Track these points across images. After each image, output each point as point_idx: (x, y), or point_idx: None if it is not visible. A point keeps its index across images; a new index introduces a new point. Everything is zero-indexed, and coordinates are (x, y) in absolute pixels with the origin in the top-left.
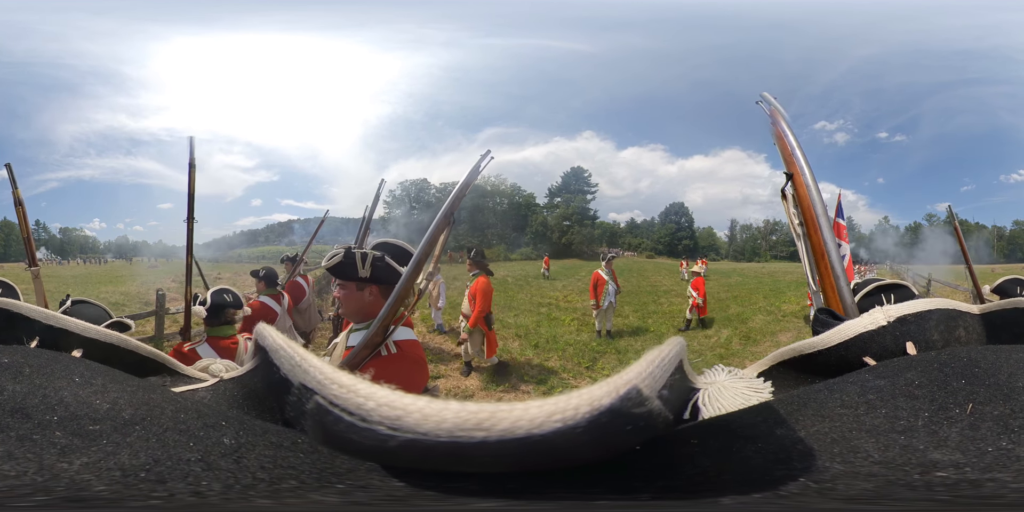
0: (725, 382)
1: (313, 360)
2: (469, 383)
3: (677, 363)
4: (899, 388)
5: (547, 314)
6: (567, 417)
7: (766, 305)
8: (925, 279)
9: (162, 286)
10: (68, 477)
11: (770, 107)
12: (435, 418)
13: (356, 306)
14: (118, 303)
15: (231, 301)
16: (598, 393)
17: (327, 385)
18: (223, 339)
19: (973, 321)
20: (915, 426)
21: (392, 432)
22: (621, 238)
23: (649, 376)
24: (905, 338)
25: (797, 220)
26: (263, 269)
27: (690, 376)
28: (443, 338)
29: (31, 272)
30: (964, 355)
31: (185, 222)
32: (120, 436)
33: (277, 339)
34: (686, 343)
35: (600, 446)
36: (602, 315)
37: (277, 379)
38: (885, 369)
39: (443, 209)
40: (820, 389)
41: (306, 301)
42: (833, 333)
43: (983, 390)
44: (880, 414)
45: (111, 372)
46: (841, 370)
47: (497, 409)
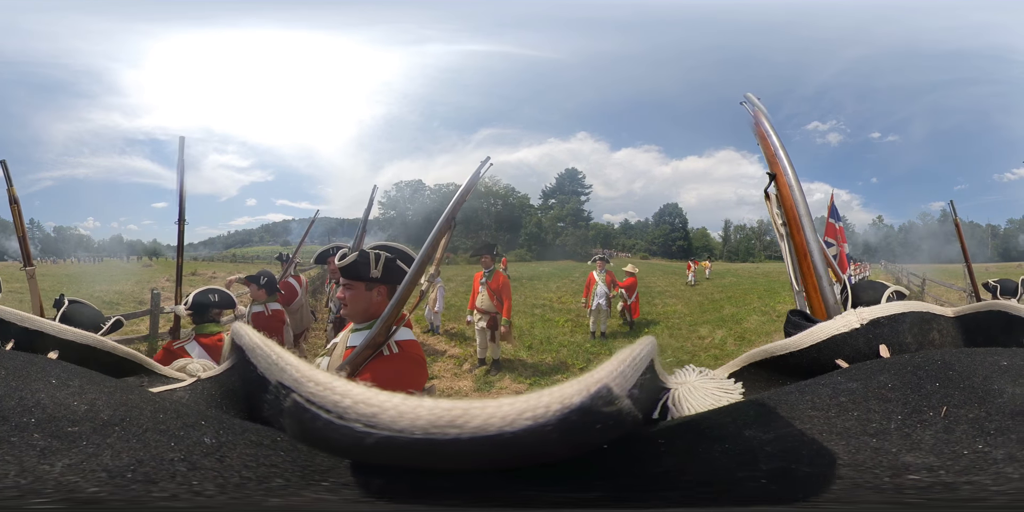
0: (695, 382)
1: (290, 358)
2: (462, 384)
3: (648, 362)
4: (872, 391)
5: (541, 315)
6: (538, 415)
7: (760, 305)
8: (919, 278)
9: (157, 285)
10: (52, 479)
11: (753, 108)
12: (410, 415)
13: (363, 306)
14: (112, 302)
15: (216, 301)
16: (569, 391)
17: (303, 383)
18: (208, 337)
19: (947, 324)
20: (887, 429)
21: (368, 429)
22: (615, 239)
23: (620, 375)
24: (878, 341)
25: (780, 220)
26: (264, 276)
27: (661, 376)
28: (436, 339)
29: (26, 272)
30: (938, 358)
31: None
32: (100, 437)
33: (254, 338)
34: (656, 342)
35: (570, 444)
36: (596, 316)
37: (254, 378)
38: (858, 372)
39: (445, 213)
40: (791, 391)
41: (298, 301)
42: (805, 335)
43: (958, 393)
44: (852, 417)
45: (88, 373)
46: (813, 372)
47: (470, 406)
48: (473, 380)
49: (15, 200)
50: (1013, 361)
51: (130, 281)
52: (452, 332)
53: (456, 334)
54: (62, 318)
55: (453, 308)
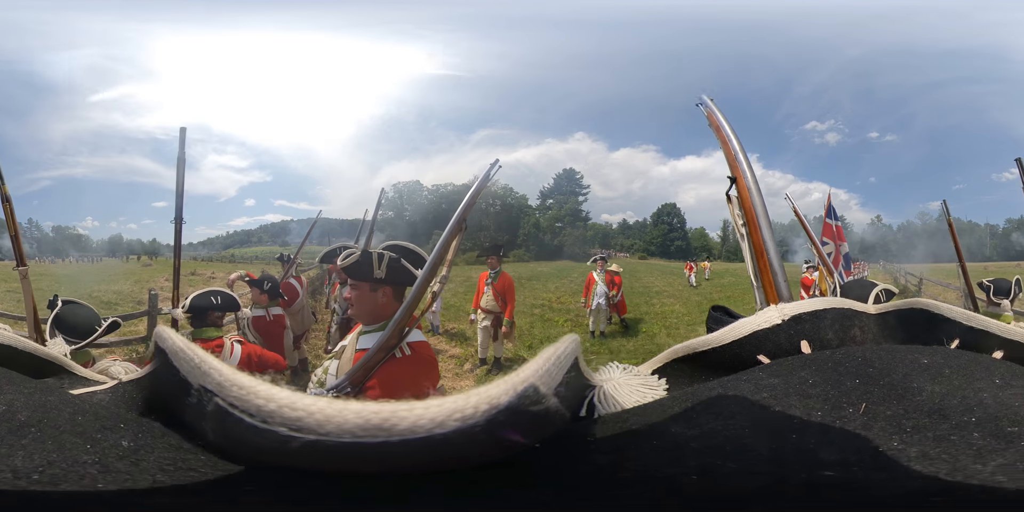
0: (620, 379)
1: (213, 362)
2: (464, 384)
3: (573, 360)
4: (793, 387)
5: (540, 315)
6: (467, 416)
7: None
8: (917, 278)
9: (155, 285)
10: None
11: (707, 110)
12: (337, 419)
13: (368, 307)
14: (111, 302)
15: (218, 304)
16: (496, 391)
17: (227, 387)
18: (207, 341)
19: (869, 321)
20: (807, 425)
21: (294, 433)
22: (613, 239)
23: (546, 374)
24: (800, 337)
25: (741, 221)
26: (268, 281)
27: (586, 373)
28: (436, 339)
29: (19, 272)
30: (859, 354)
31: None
32: (15, 438)
33: (177, 341)
34: (580, 340)
35: (500, 444)
36: (595, 316)
37: (177, 381)
38: (779, 367)
39: (456, 215)
40: (714, 387)
41: (299, 303)
42: (727, 331)
43: (877, 390)
44: (773, 412)
45: (7, 374)
46: (736, 368)
47: (398, 409)
48: (474, 380)
49: (7, 198)
50: (933, 359)
51: (128, 281)
52: (452, 332)
53: (456, 334)
54: (55, 319)
55: (453, 308)
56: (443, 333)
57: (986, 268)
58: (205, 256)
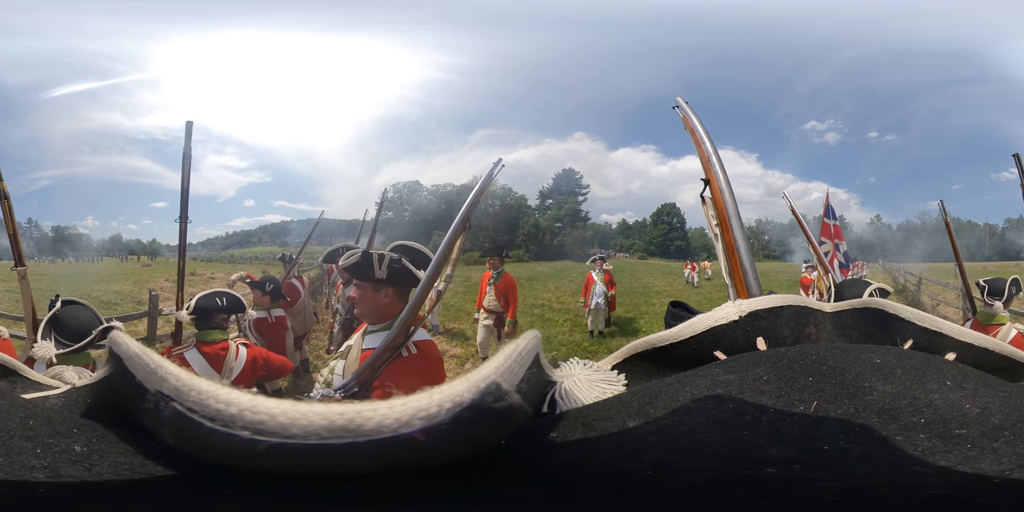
0: (581, 375)
1: (169, 367)
2: None
3: (533, 357)
4: (747, 383)
5: (540, 315)
6: (431, 414)
7: None
8: (916, 277)
9: (155, 285)
10: None
11: (682, 112)
12: (301, 421)
13: (371, 307)
14: (110, 302)
15: (224, 306)
16: (459, 389)
17: (185, 392)
18: (211, 344)
19: (824, 319)
20: (759, 421)
21: (257, 437)
22: (613, 239)
23: (507, 370)
24: (756, 333)
25: (715, 221)
26: (270, 283)
27: (546, 369)
28: (438, 339)
29: (18, 272)
30: (813, 352)
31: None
32: None
33: (132, 346)
34: (541, 336)
35: (466, 442)
36: (595, 315)
37: (132, 386)
38: (735, 363)
39: (460, 215)
40: (671, 382)
41: (301, 303)
42: (685, 327)
43: (829, 388)
44: (727, 408)
45: None
46: (693, 363)
47: (363, 409)
48: None
49: (5, 196)
50: (886, 359)
51: (128, 281)
52: (453, 332)
53: (457, 334)
54: (52, 320)
55: (453, 308)
56: (443, 333)
57: (985, 268)
58: (205, 256)
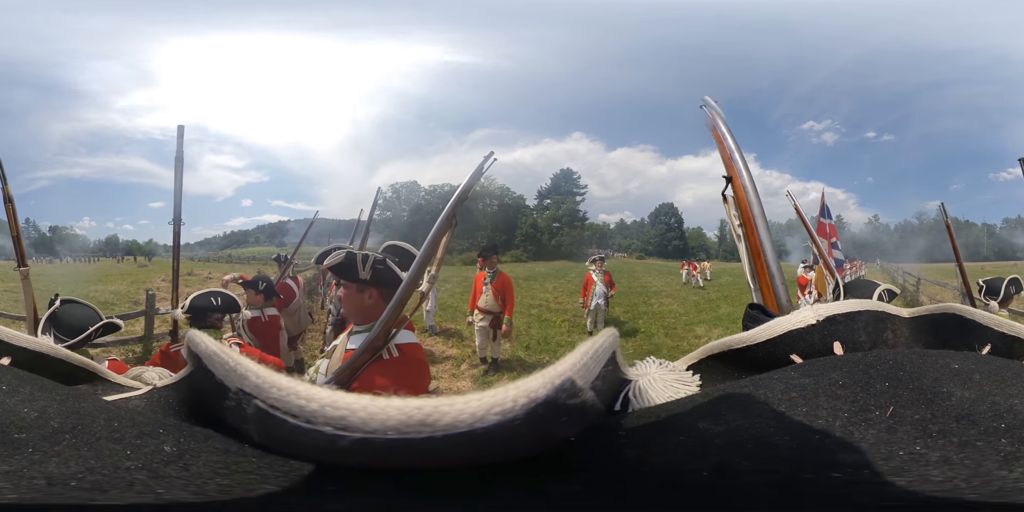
0: (656, 374)
1: (249, 365)
2: (461, 384)
3: (610, 354)
4: (822, 387)
5: (538, 315)
6: (506, 409)
7: None
8: (915, 277)
9: (152, 285)
10: None
11: (711, 111)
12: (380, 416)
13: (355, 307)
14: (107, 302)
15: (219, 305)
16: (534, 385)
17: (266, 389)
18: None
19: (901, 324)
20: (832, 426)
21: (340, 432)
22: (611, 239)
23: (583, 367)
24: (833, 338)
25: (737, 221)
26: (263, 282)
27: (622, 367)
28: (434, 340)
29: (20, 272)
30: (890, 357)
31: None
32: (48, 445)
33: (210, 345)
34: (618, 334)
35: (538, 437)
36: (594, 316)
37: (213, 385)
38: (811, 367)
39: (445, 211)
40: (746, 384)
41: (296, 303)
42: (763, 329)
43: (906, 393)
44: (800, 412)
45: (39, 380)
46: (769, 366)
47: (440, 404)
48: (471, 380)
49: (9, 199)
50: (964, 364)
51: (125, 281)
52: (450, 332)
53: (453, 334)
54: (51, 318)
55: (450, 309)
56: (439, 333)
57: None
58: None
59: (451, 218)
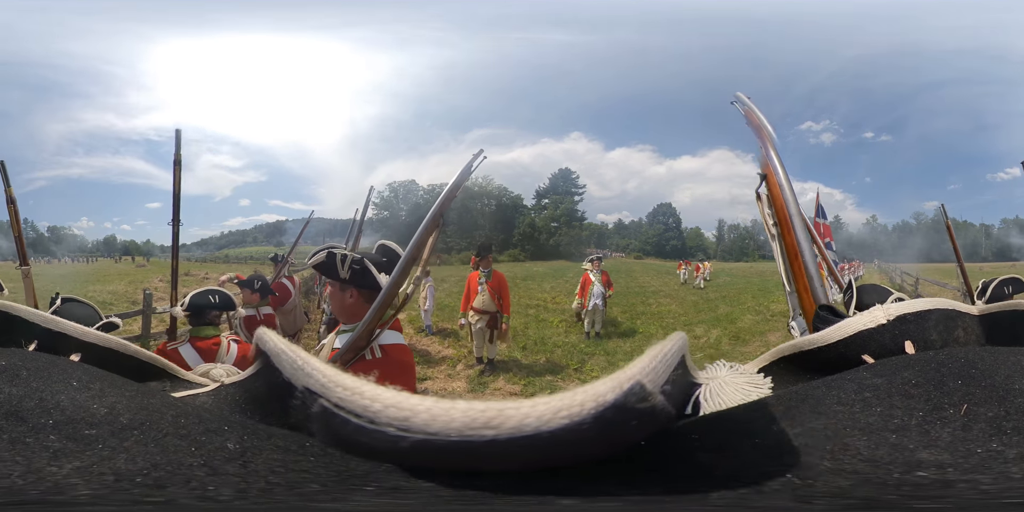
0: (726, 377)
1: (316, 363)
2: (456, 385)
3: (679, 358)
4: (896, 387)
5: (535, 316)
6: (573, 413)
7: (755, 305)
8: (913, 277)
9: (150, 285)
10: (53, 481)
11: (744, 107)
12: (443, 418)
13: (339, 306)
14: (105, 302)
15: (216, 303)
16: (602, 389)
17: (331, 388)
18: (204, 340)
19: (972, 322)
20: (908, 425)
21: (403, 433)
22: (609, 239)
23: (652, 371)
24: (904, 337)
25: (771, 220)
26: (258, 280)
27: (692, 371)
28: (430, 340)
29: (22, 271)
30: (962, 355)
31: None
32: (117, 441)
33: (278, 343)
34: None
35: (606, 441)
36: (591, 316)
37: (280, 383)
38: (883, 367)
39: (432, 211)
40: (818, 386)
41: (291, 302)
42: (833, 330)
43: (979, 391)
44: (875, 412)
45: (109, 376)
46: (840, 367)
47: (505, 407)
48: (467, 381)
49: (12, 200)
50: None
51: (123, 281)
52: (446, 332)
53: (450, 334)
54: None
55: (448, 309)
56: (436, 333)
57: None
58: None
59: (438, 217)
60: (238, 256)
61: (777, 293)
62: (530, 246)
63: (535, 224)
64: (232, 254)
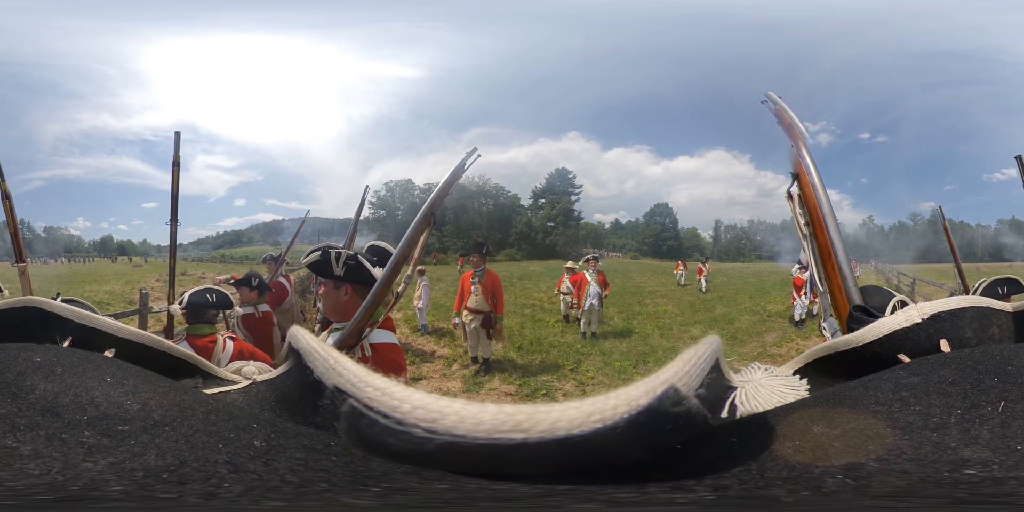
0: (761, 380)
1: (347, 363)
2: (451, 385)
3: (714, 362)
4: (932, 385)
5: (531, 316)
6: (606, 417)
7: (752, 305)
8: (909, 278)
9: (146, 285)
10: (89, 477)
11: (775, 106)
12: (472, 420)
13: (332, 304)
14: (102, 302)
15: (213, 301)
16: (636, 393)
17: (361, 388)
18: (200, 338)
19: (1006, 319)
20: (948, 423)
21: (429, 435)
22: (606, 239)
23: (686, 375)
24: (939, 335)
25: (803, 220)
26: (255, 278)
27: (726, 374)
28: (426, 339)
29: (18, 268)
30: (997, 353)
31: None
32: (149, 437)
33: (311, 341)
34: (721, 341)
35: (641, 445)
36: (587, 316)
37: (310, 382)
38: (919, 366)
39: (423, 209)
40: (855, 386)
41: (288, 301)
42: (868, 330)
43: (1015, 388)
44: (914, 411)
45: (143, 373)
46: (876, 367)
47: (536, 411)
48: (462, 381)
49: (7, 196)
50: None
51: (120, 281)
52: (442, 332)
53: (445, 333)
54: None
55: (443, 308)
56: (432, 333)
57: (978, 269)
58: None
59: (429, 215)
60: (234, 256)
61: (774, 293)
62: (527, 246)
63: (532, 224)
64: (228, 254)
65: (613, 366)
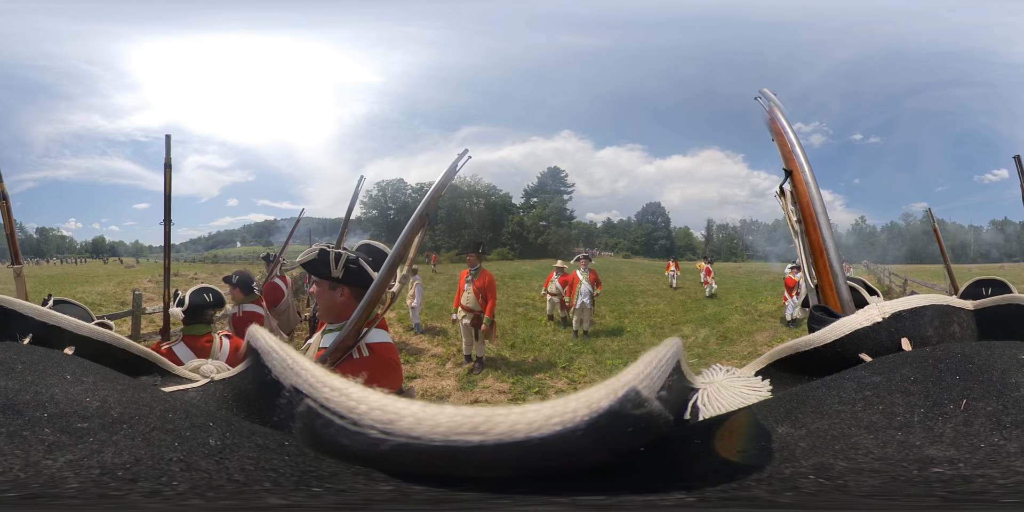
0: (724, 381)
1: (305, 363)
2: (445, 383)
3: (675, 364)
4: (895, 384)
5: (523, 314)
6: (566, 420)
7: (743, 305)
8: (901, 278)
9: (139, 286)
10: (48, 474)
11: (769, 103)
12: (429, 422)
13: (328, 305)
14: (95, 303)
15: (211, 301)
16: (596, 395)
17: (319, 388)
18: (198, 337)
19: (967, 317)
20: (911, 422)
21: (384, 436)
22: (598, 238)
23: (647, 377)
24: (900, 334)
25: (795, 217)
26: (236, 274)
27: (688, 376)
28: (419, 338)
29: (14, 270)
30: (958, 351)
31: (162, 224)
32: (107, 434)
33: (269, 341)
34: (682, 343)
35: (602, 448)
36: (579, 315)
37: (268, 381)
38: (881, 365)
39: (418, 210)
40: (818, 386)
41: (284, 302)
42: (829, 330)
43: (977, 386)
44: (877, 410)
45: (102, 370)
46: (838, 367)
47: (494, 413)
48: (456, 379)
49: (4, 197)
50: None
51: (112, 282)
52: (435, 331)
53: (439, 332)
54: None
55: (436, 307)
56: (425, 332)
57: (970, 270)
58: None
59: (424, 217)
60: (227, 256)
61: (765, 293)
62: (519, 245)
63: (524, 223)
64: (221, 254)
65: (605, 364)
